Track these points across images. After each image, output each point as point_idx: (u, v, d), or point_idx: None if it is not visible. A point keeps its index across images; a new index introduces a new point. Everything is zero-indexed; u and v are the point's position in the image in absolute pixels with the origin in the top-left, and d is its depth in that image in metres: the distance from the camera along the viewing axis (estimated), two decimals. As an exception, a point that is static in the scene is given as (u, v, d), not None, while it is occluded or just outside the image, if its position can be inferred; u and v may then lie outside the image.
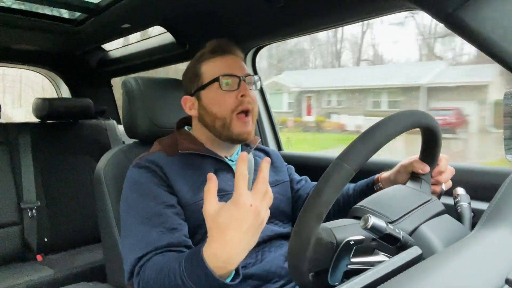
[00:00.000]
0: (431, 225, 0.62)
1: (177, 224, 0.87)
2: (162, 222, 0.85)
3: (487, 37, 0.73)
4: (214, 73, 0.97)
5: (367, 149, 0.57)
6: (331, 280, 0.59)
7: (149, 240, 0.83)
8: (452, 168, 0.88)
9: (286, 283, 0.96)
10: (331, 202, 0.54)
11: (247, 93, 0.96)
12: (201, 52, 1.03)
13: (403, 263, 0.52)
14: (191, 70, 1.03)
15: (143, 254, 0.81)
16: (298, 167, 1.24)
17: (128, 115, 1.15)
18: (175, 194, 0.91)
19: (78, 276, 1.68)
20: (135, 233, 0.85)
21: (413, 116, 0.66)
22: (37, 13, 1.58)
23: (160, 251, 0.81)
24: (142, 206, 0.88)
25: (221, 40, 1.02)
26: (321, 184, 0.55)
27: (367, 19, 1.23)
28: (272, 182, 1.06)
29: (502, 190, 0.58)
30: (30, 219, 1.79)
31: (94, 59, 2.32)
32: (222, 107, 0.96)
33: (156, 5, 1.38)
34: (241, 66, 1.00)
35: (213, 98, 0.97)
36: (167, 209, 0.88)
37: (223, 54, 1.00)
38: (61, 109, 1.97)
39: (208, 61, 1.00)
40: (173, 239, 0.84)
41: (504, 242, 0.49)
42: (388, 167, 0.98)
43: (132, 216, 0.88)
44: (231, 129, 0.96)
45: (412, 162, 0.83)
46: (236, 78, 0.97)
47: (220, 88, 0.95)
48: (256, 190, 0.67)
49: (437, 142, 0.76)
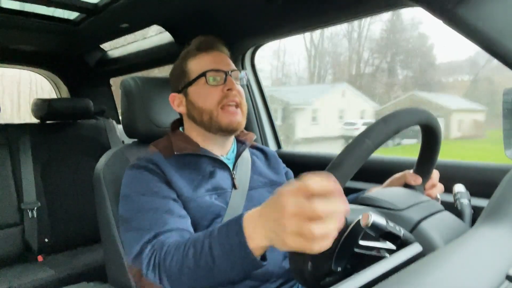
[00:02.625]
0: (431, 222, 0.62)
1: (182, 213, 0.87)
2: (167, 210, 0.85)
3: (487, 34, 0.73)
4: (200, 69, 0.98)
5: (388, 129, 0.58)
6: (335, 264, 0.59)
7: (159, 224, 0.81)
8: (442, 185, 0.88)
9: (284, 282, 0.96)
10: (350, 174, 0.54)
11: (233, 87, 0.97)
12: (187, 49, 1.04)
13: (404, 260, 0.52)
14: (178, 68, 1.04)
15: (155, 233, 0.79)
16: (297, 165, 1.24)
17: (127, 115, 1.15)
18: (174, 190, 0.91)
19: (79, 277, 1.68)
20: (140, 222, 0.84)
21: (429, 115, 0.68)
22: (35, 13, 1.58)
23: (171, 234, 0.80)
24: (144, 200, 0.87)
25: (206, 37, 1.03)
26: (342, 155, 0.55)
27: (366, 16, 1.23)
28: (268, 182, 1.06)
29: (502, 187, 0.58)
30: (30, 220, 1.79)
31: (93, 59, 2.32)
32: (207, 101, 0.96)
33: (154, 4, 1.38)
34: (227, 62, 1.01)
35: (200, 93, 0.98)
36: (170, 201, 0.88)
37: (208, 50, 1.01)
38: (60, 110, 1.97)
39: (194, 58, 1.01)
40: (181, 224, 0.84)
41: (504, 238, 0.49)
42: (388, 165, 0.98)
43: (133, 210, 0.87)
44: (219, 121, 0.96)
45: (405, 174, 0.84)
46: (222, 73, 0.98)
47: (207, 83, 0.97)
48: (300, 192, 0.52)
49: (436, 149, 0.76)
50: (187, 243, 0.72)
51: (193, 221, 0.90)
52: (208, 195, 0.93)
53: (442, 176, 0.88)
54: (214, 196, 0.94)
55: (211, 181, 0.95)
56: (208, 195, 0.93)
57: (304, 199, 0.51)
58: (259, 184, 1.04)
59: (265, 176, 1.07)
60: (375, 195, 0.68)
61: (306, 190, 0.51)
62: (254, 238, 0.61)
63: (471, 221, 0.73)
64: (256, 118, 1.73)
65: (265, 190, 1.04)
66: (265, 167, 1.10)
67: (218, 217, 0.93)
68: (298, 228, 0.51)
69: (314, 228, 0.50)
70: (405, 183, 0.84)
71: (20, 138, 1.86)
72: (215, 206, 0.93)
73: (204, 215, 0.91)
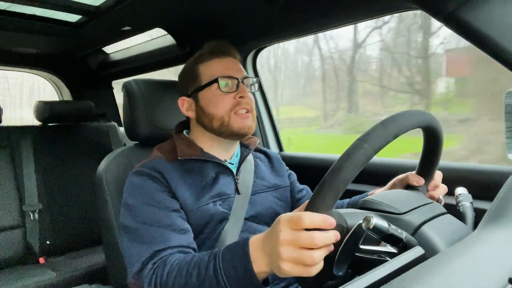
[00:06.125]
0: (434, 225, 0.62)
1: (184, 227, 0.87)
2: (169, 224, 0.85)
3: (487, 36, 0.73)
4: (212, 74, 0.97)
5: (387, 133, 0.58)
6: (336, 269, 0.58)
7: (160, 239, 0.81)
8: (445, 186, 0.88)
9: (286, 285, 0.96)
10: (349, 180, 0.54)
11: (245, 95, 0.96)
12: (199, 53, 1.03)
13: (406, 263, 0.52)
14: (188, 71, 1.02)
15: (156, 250, 0.79)
16: (299, 168, 1.24)
17: (129, 117, 1.15)
18: (177, 200, 0.90)
19: (80, 279, 1.68)
20: (143, 235, 0.83)
21: (430, 117, 0.68)
22: (37, 16, 1.58)
23: (172, 251, 0.80)
24: (147, 211, 0.86)
25: (220, 42, 1.02)
26: (341, 160, 0.55)
27: (368, 19, 1.23)
28: (271, 186, 1.06)
29: (504, 189, 0.57)
30: (32, 222, 1.79)
31: (95, 61, 2.33)
32: (219, 108, 0.95)
33: (156, 7, 1.39)
34: (239, 68, 1.00)
35: (211, 99, 0.97)
36: (173, 213, 0.87)
37: (222, 55, 1.00)
38: (62, 112, 1.97)
39: (206, 62, 0.99)
40: (182, 240, 0.83)
41: (507, 241, 0.49)
42: (389, 167, 0.98)
43: (136, 221, 0.86)
44: (231, 126, 0.95)
45: (407, 175, 0.84)
46: (234, 80, 0.97)
47: (219, 89, 0.95)
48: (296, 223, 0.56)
49: (438, 151, 0.76)
50: (190, 263, 0.72)
51: (197, 228, 0.90)
52: (212, 202, 0.93)
53: (444, 179, 0.88)
54: (219, 202, 0.94)
55: (214, 187, 0.95)
56: (212, 202, 0.93)
57: (298, 230, 0.55)
58: (262, 188, 1.03)
59: (268, 180, 1.07)
60: (376, 199, 0.68)
61: (302, 224, 0.55)
62: (257, 263, 0.62)
63: (473, 224, 0.72)
64: (258, 121, 1.73)
65: (268, 194, 1.04)
66: (268, 171, 1.10)
67: (222, 222, 0.93)
68: (292, 255, 0.55)
69: (305, 256, 0.55)
70: (407, 184, 0.84)
71: (22, 140, 1.87)
72: (219, 213, 0.92)
73: (208, 222, 0.91)
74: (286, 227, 0.56)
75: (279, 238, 0.56)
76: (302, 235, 0.54)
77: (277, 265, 0.57)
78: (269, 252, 0.60)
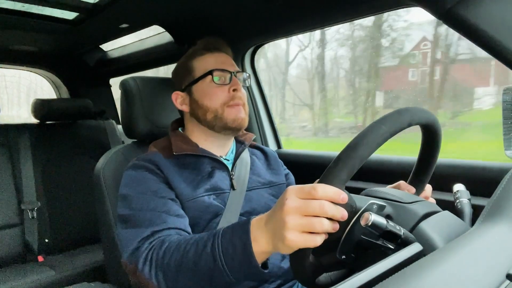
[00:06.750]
0: (431, 221, 0.62)
1: (180, 212, 0.87)
2: (166, 210, 0.85)
3: (486, 33, 0.73)
4: (206, 67, 0.99)
5: (402, 119, 0.59)
6: (339, 253, 0.59)
7: (158, 222, 0.81)
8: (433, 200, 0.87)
9: (283, 283, 0.96)
10: (365, 157, 0.54)
11: (238, 88, 0.98)
12: (192, 49, 1.05)
13: (404, 259, 0.52)
14: (182, 66, 1.05)
15: (154, 230, 0.79)
16: (297, 165, 1.24)
17: (126, 115, 1.15)
18: (173, 190, 0.91)
19: (79, 277, 1.68)
20: (140, 219, 0.83)
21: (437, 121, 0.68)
22: (34, 13, 1.58)
23: (170, 232, 0.80)
24: (143, 198, 0.87)
25: (213, 38, 1.04)
26: (358, 138, 0.55)
27: (366, 16, 1.22)
28: (266, 183, 1.06)
29: (502, 186, 0.58)
30: (30, 220, 1.79)
31: (93, 59, 2.32)
32: (213, 101, 0.97)
33: (154, 4, 1.38)
34: (232, 63, 1.03)
35: (205, 91, 0.98)
36: (169, 201, 0.88)
37: (215, 51, 1.02)
38: (60, 110, 1.97)
39: (200, 57, 1.02)
40: (180, 223, 0.84)
41: (504, 237, 0.49)
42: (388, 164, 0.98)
43: (133, 209, 0.86)
44: (224, 118, 0.97)
45: (399, 184, 0.84)
46: (228, 73, 0.99)
47: (213, 81, 0.97)
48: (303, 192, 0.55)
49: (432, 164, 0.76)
50: (189, 241, 0.71)
51: (192, 220, 0.90)
52: (206, 195, 0.93)
53: (442, 176, 0.88)
54: (213, 196, 0.95)
55: (209, 181, 0.96)
56: (207, 195, 0.94)
57: (305, 198, 0.53)
58: (258, 184, 1.04)
59: (264, 177, 1.07)
60: (381, 189, 0.69)
61: (314, 194, 0.53)
62: (258, 241, 0.61)
63: (471, 220, 0.73)
64: (256, 118, 1.73)
65: (263, 190, 1.04)
66: (264, 168, 1.10)
67: (216, 217, 0.93)
68: (299, 222, 0.53)
69: (313, 221, 0.52)
70: None
71: (20, 138, 1.87)
72: (213, 206, 0.93)
73: (202, 215, 0.91)
74: (293, 196, 0.54)
75: (285, 206, 0.54)
76: (311, 203, 0.52)
77: (282, 236, 0.54)
78: (273, 226, 0.58)
